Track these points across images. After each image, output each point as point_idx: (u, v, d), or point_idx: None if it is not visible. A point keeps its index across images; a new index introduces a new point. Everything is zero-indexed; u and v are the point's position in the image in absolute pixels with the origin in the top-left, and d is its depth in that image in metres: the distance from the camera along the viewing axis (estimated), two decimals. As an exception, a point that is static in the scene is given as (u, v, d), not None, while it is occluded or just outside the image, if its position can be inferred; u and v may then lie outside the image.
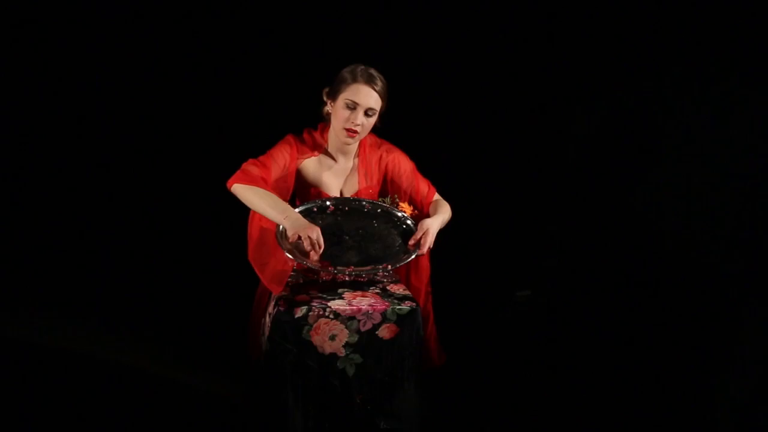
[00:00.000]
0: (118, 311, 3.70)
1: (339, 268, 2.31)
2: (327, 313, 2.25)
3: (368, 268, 2.33)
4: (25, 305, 3.71)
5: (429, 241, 2.37)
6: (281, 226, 2.31)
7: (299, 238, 2.23)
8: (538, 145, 4.01)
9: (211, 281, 3.83)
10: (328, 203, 2.45)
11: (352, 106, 2.41)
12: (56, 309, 3.70)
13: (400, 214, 2.47)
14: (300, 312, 2.24)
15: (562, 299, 3.94)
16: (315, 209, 2.43)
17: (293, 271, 2.50)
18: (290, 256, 2.27)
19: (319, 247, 2.24)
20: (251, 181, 2.34)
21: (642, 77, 3.84)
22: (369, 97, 2.41)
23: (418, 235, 2.38)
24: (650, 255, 3.88)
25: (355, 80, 2.41)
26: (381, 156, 2.58)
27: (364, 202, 2.48)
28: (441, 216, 2.47)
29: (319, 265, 2.29)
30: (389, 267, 2.34)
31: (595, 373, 3.18)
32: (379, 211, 2.47)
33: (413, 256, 2.36)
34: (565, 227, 4.08)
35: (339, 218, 2.44)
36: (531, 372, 3.22)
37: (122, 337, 3.47)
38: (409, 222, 2.45)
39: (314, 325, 2.24)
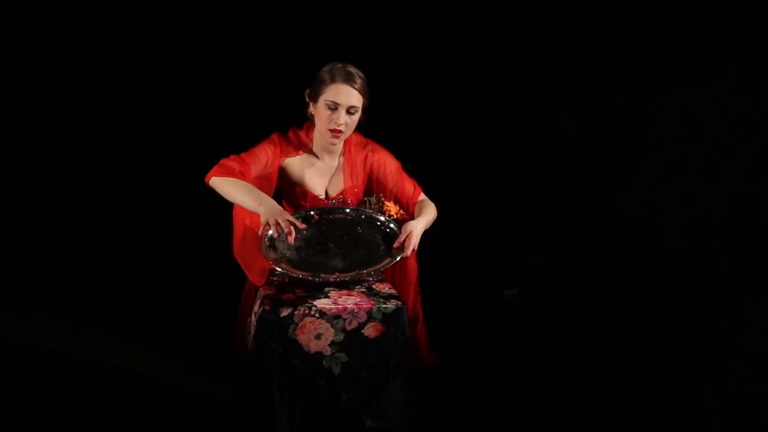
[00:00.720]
0: (105, 311, 3.69)
1: (323, 275, 2.32)
2: (313, 312, 2.25)
3: (352, 273, 2.34)
4: (15, 307, 3.70)
5: (413, 243, 2.37)
6: (266, 239, 2.32)
7: (268, 226, 2.23)
8: (526, 144, 4.02)
9: (197, 281, 3.83)
10: (312, 213, 2.46)
11: (333, 107, 2.41)
12: (45, 310, 3.69)
13: (383, 218, 2.47)
14: (286, 311, 2.24)
15: (550, 298, 3.95)
16: (299, 219, 2.44)
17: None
18: (278, 268, 2.29)
19: (292, 231, 2.22)
20: (229, 173, 2.34)
21: (631, 76, 3.86)
22: (349, 95, 2.41)
23: (401, 238, 2.38)
24: (638, 253, 3.90)
25: (333, 80, 2.40)
26: (366, 155, 2.59)
27: (347, 210, 2.49)
28: (425, 217, 2.47)
29: (304, 274, 2.30)
30: (372, 272, 2.35)
31: (584, 371, 3.19)
32: (362, 217, 2.48)
33: (397, 260, 2.37)
34: (553, 225, 4.09)
35: (323, 227, 2.45)
36: (520, 371, 3.22)
37: (108, 338, 3.45)
38: (392, 225, 2.46)
39: (300, 324, 2.25)
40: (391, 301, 2.33)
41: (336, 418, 2.30)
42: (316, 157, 2.56)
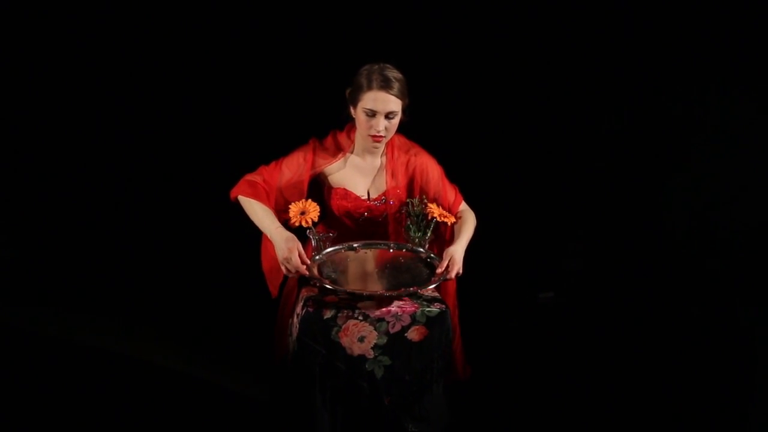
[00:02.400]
0: (147, 310, 3.73)
1: (368, 293, 2.30)
2: (356, 315, 2.24)
3: (400, 291, 2.29)
4: (67, 305, 3.77)
5: (456, 268, 2.34)
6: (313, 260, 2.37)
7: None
8: (563, 147, 3.98)
9: (238, 281, 3.83)
10: (355, 246, 2.48)
11: (371, 114, 2.39)
12: (89, 308, 3.74)
13: (423, 251, 2.46)
14: (329, 313, 2.23)
15: (586, 301, 3.92)
16: (343, 250, 2.47)
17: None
18: (326, 285, 2.29)
19: (297, 269, 2.27)
20: (253, 193, 2.39)
21: (669, 79, 3.82)
22: (387, 102, 2.37)
23: (443, 263, 2.34)
24: (677, 257, 3.86)
25: (370, 87, 2.37)
26: (409, 159, 2.55)
27: (390, 244, 2.51)
28: (464, 238, 2.43)
29: (351, 288, 2.29)
30: (418, 290, 2.31)
31: (620, 377, 3.16)
32: (404, 250, 2.48)
33: (440, 280, 2.34)
34: (589, 228, 4.06)
35: (367, 255, 2.47)
36: (555, 376, 3.20)
37: (151, 337, 3.48)
38: (433, 256, 2.45)
39: (343, 327, 2.23)
40: (435, 304, 2.30)
41: (378, 422, 2.28)
42: (358, 157, 2.55)
